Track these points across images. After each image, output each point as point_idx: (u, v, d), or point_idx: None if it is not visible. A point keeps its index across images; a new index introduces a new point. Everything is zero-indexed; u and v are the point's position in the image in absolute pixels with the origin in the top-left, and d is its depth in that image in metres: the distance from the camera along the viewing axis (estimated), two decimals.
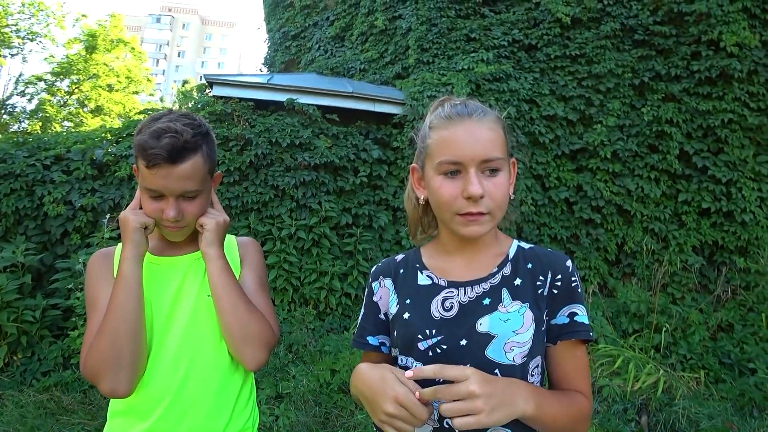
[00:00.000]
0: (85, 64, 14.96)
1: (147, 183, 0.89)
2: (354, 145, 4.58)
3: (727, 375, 3.38)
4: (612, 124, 4.77)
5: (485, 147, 0.76)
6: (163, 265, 0.99)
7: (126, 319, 0.86)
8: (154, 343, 0.93)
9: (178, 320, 0.95)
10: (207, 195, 0.98)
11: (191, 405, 0.93)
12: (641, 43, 4.93)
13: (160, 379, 0.92)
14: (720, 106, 4.50)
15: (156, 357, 0.93)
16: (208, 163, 0.95)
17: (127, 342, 0.86)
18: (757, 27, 4.55)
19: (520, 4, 5.38)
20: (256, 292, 1.03)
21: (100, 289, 0.94)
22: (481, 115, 0.79)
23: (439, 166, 0.78)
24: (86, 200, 3.74)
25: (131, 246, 0.90)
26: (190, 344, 0.95)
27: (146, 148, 0.86)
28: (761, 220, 4.41)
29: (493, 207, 0.77)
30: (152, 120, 0.91)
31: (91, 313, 0.93)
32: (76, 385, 3.06)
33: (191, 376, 0.94)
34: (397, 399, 0.66)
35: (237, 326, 0.93)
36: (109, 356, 0.84)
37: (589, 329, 0.80)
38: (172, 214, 0.90)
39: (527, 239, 4.63)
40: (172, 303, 0.96)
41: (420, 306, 0.84)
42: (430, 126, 0.83)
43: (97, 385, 0.86)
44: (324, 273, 4.09)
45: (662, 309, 3.87)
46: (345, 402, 2.95)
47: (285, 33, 7.73)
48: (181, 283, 0.98)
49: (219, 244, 0.97)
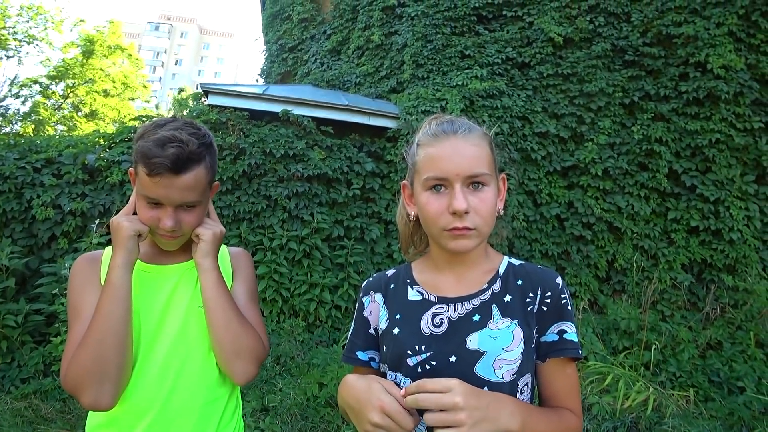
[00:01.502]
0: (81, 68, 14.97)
1: (146, 191, 0.86)
2: (348, 157, 4.60)
3: (717, 393, 3.38)
4: (603, 142, 4.85)
5: (470, 163, 0.77)
6: (154, 273, 0.96)
7: (113, 330, 0.82)
8: (141, 353, 0.89)
9: (166, 331, 0.92)
10: (205, 205, 0.96)
11: (177, 418, 0.90)
12: (631, 63, 5.04)
13: (146, 390, 0.89)
14: (707, 126, 4.60)
15: (142, 368, 0.89)
16: (210, 174, 0.93)
17: (112, 354, 0.81)
18: (743, 50, 4.68)
19: (514, 23, 5.49)
20: (247, 304, 1.01)
21: (85, 296, 0.90)
22: (466, 132, 0.80)
23: (426, 182, 0.79)
24: (76, 205, 3.70)
25: (123, 253, 0.86)
26: (178, 356, 0.92)
27: (150, 156, 0.83)
28: (748, 239, 4.47)
29: (479, 223, 0.77)
30: (156, 126, 0.88)
31: (74, 321, 0.88)
32: (56, 394, 2.98)
33: (178, 388, 0.91)
34: (383, 409, 0.65)
35: (229, 340, 0.91)
36: (92, 368, 0.80)
37: (578, 347, 0.80)
38: (169, 224, 0.88)
39: (519, 255, 4.64)
40: (162, 313, 0.93)
41: (410, 322, 0.83)
42: (418, 143, 0.84)
43: (79, 398, 0.81)
44: (314, 285, 4.06)
45: (652, 326, 3.88)
46: (332, 416, 2.90)
47: (282, 45, 7.80)
48: (171, 292, 0.95)
49: (214, 256, 0.95)
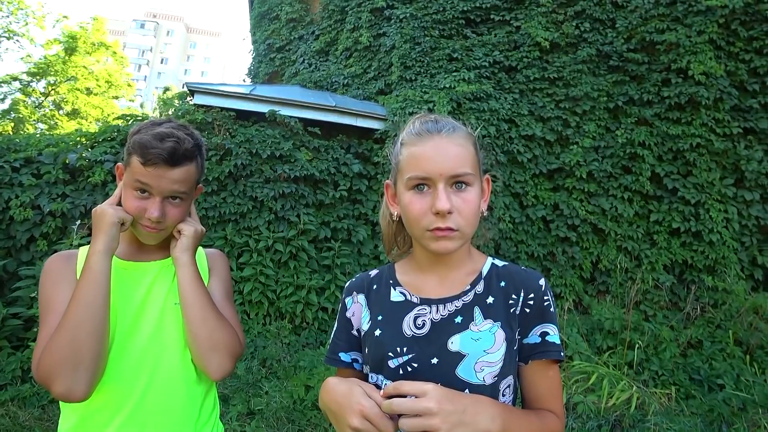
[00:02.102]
0: (63, 65, 14.65)
1: (139, 177, 0.90)
2: (335, 158, 4.59)
3: (697, 391, 3.46)
4: (588, 146, 4.92)
5: (454, 162, 0.76)
6: (131, 270, 0.97)
7: (91, 315, 0.81)
8: (115, 347, 0.88)
9: (142, 327, 0.92)
10: (189, 203, 1.00)
11: (153, 416, 0.90)
12: (616, 68, 5.13)
13: (121, 385, 0.88)
14: (688, 131, 4.70)
15: (117, 362, 0.88)
16: (198, 174, 0.99)
17: (89, 341, 0.80)
18: (722, 58, 4.80)
19: (502, 27, 5.55)
20: (223, 302, 1.02)
21: (59, 291, 0.89)
22: (450, 131, 0.79)
23: (409, 182, 0.78)
24: (56, 205, 3.62)
25: (105, 239, 0.87)
26: (154, 352, 0.92)
27: (148, 147, 0.89)
28: (727, 241, 4.58)
29: (462, 223, 0.76)
30: (153, 124, 0.94)
31: (47, 315, 0.86)
32: (35, 400, 2.90)
33: (153, 384, 0.90)
34: (363, 413, 0.65)
35: (205, 334, 0.91)
36: (68, 354, 0.78)
37: (560, 349, 0.80)
38: (156, 213, 0.91)
39: (505, 256, 4.68)
40: (138, 309, 0.93)
41: (392, 323, 0.82)
42: (402, 142, 0.84)
43: (51, 386, 0.78)
44: (301, 287, 4.04)
45: (635, 326, 3.94)
46: (319, 419, 2.88)
47: (270, 45, 7.75)
48: (148, 289, 0.96)
49: (193, 252, 0.98)
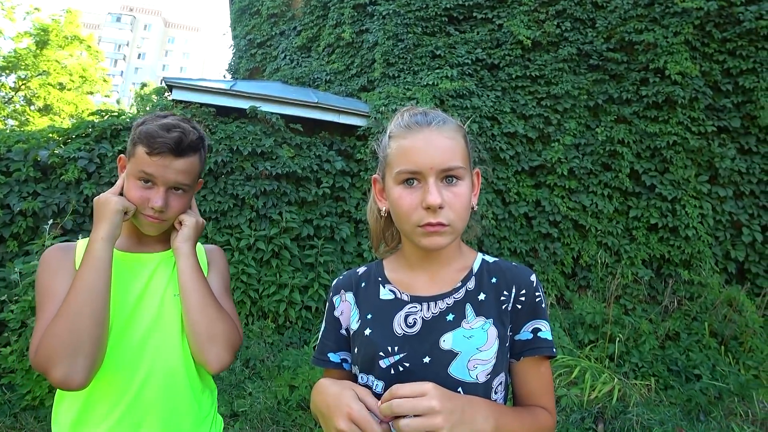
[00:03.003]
0: (34, 59, 14.09)
1: (144, 167, 0.91)
2: (317, 155, 4.53)
3: (675, 381, 3.55)
4: (569, 143, 4.99)
5: (444, 156, 0.74)
6: (130, 261, 0.97)
7: (92, 301, 0.81)
8: (113, 339, 0.88)
9: (142, 318, 0.92)
10: (191, 195, 1.02)
11: (153, 407, 0.89)
12: (596, 67, 5.21)
13: (120, 377, 0.87)
14: (665, 129, 4.82)
15: (115, 354, 0.87)
16: (201, 166, 1.01)
17: (89, 327, 0.80)
18: (698, 58, 4.93)
19: (484, 25, 5.57)
20: (222, 295, 1.02)
21: (58, 280, 0.88)
22: (440, 124, 0.77)
23: (398, 176, 0.76)
24: (26, 204, 3.47)
25: (108, 227, 0.88)
26: (153, 343, 0.92)
27: (155, 136, 0.90)
28: (702, 236, 4.71)
29: (453, 218, 0.75)
30: (158, 116, 0.96)
31: (46, 302, 0.86)
32: (6, 408, 2.79)
33: (153, 376, 0.90)
34: (350, 415, 0.63)
35: (204, 324, 0.91)
36: (67, 340, 0.78)
37: (552, 345, 0.79)
38: (159, 202, 0.92)
39: (488, 253, 4.71)
40: (137, 300, 0.93)
41: (382, 322, 0.81)
42: (390, 135, 0.81)
43: (49, 373, 0.78)
44: (284, 285, 3.98)
45: (615, 320, 4.03)
46: (304, 419, 2.85)
47: (251, 40, 7.62)
48: (147, 280, 0.96)
49: (193, 242, 1.00)
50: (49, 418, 2.68)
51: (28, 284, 2.88)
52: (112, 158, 3.83)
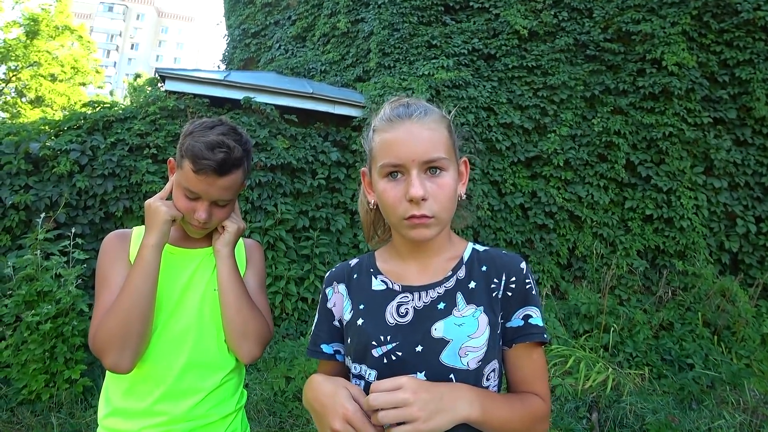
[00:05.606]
0: (24, 50, 13.90)
1: (189, 185, 0.96)
2: (312, 146, 4.51)
3: (669, 371, 3.59)
4: (565, 134, 4.98)
5: (426, 147, 0.74)
6: (178, 255, 1.05)
7: (140, 303, 0.91)
8: (159, 327, 0.98)
9: (185, 309, 1.01)
10: (234, 202, 1.08)
11: (190, 390, 0.98)
12: (592, 58, 5.19)
13: (163, 361, 0.97)
14: (661, 120, 4.81)
15: (160, 341, 0.97)
16: (244, 176, 1.04)
17: (136, 324, 0.91)
18: (695, 49, 4.91)
19: (481, 15, 5.52)
20: (257, 292, 1.10)
21: (115, 270, 0.99)
22: (421, 116, 0.77)
23: (382, 169, 0.77)
24: (18, 198, 3.43)
25: (157, 235, 0.95)
26: (194, 333, 1.00)
27: (200, 157, 0.93)
28: (697, 227, 4.74)
29: (438, 209, 0.75)
30: (205, 128, 0.97)
31: (103, 290, 0.97)
32: (2, 403, 2.78)
33: (191, 362, 0.99)
34: (346, 416, 0.64)
35: (239, 321, 1.00)
36: (117, 334, 0.89)
37: (543, 331, 0.79)
38: (204, 216, 0.98)
39: (484, 243, 4.71)
40: (182, 292, 1.02)
41: (374, 312, 0.81)
42: (374, 129, 0.82)
43: (103, 359, 0.91)
44: (280, 277, 3.98)
45: (610, 310, 4.06)
46: (300, 410, 2.86)
47: (245, 30, 7.53)
48: (192, 274, 1.04)
49: (233, 246, 1.06)
50: (45, 412, 2.69)
51: (22, 278, 2.86)
52: (104, 150, 3.79)
